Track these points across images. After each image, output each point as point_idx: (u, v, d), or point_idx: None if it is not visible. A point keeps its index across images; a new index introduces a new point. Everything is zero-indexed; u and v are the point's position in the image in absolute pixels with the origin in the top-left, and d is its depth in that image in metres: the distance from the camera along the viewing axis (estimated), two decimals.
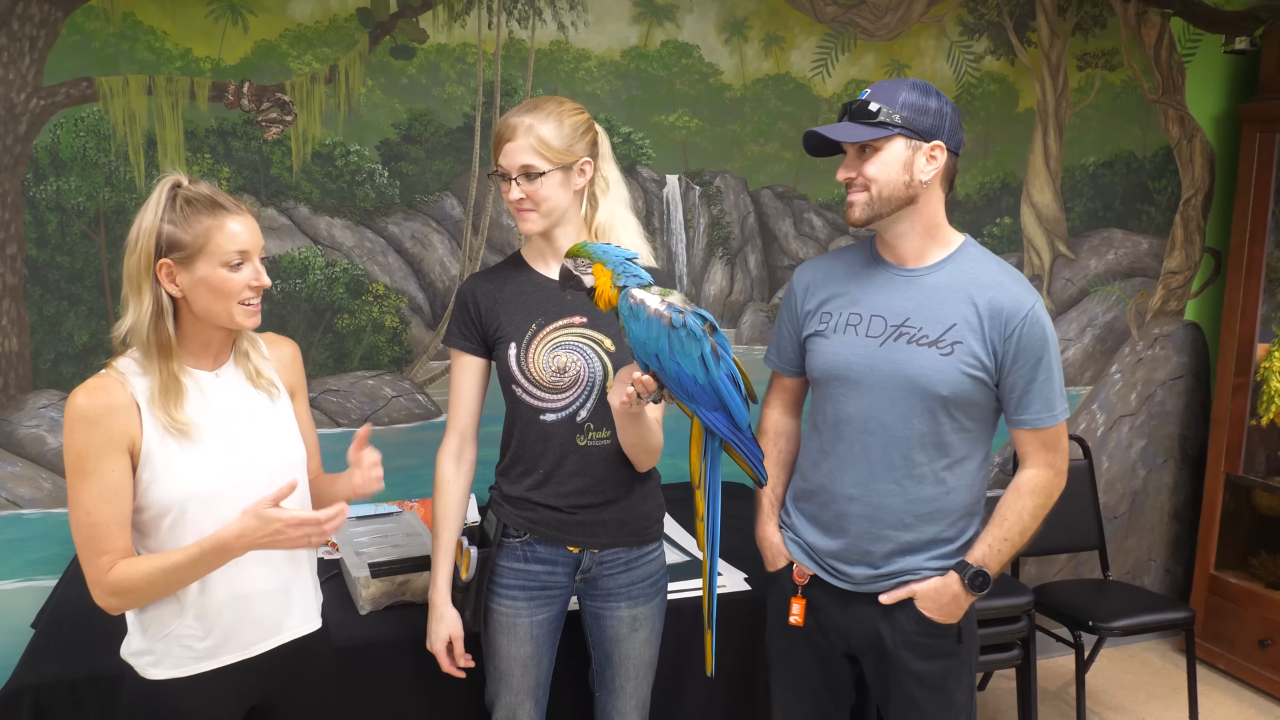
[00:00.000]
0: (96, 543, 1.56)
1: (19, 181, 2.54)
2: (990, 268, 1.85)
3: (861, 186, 1.80)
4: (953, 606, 1.86)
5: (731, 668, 2.31)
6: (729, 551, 2.51)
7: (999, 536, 1.86)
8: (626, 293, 1.63)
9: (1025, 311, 1.78)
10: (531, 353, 1.88)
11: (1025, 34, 3.36)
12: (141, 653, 1.66)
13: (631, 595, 1.99)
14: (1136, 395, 3.75)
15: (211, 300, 1.59)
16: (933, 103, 1.78)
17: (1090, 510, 3.38)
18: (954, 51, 3.30)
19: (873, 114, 1.76)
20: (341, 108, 2.76)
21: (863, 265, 1.93)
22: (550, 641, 2.00)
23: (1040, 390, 1.81)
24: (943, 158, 1.79)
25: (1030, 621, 2.94)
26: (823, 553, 1.93)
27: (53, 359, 2.62)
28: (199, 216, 1.57)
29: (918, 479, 1.84)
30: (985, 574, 1.85)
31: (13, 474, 2.61)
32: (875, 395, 1.84)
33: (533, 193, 1.83)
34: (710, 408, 1.65)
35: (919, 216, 1.83)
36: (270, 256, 2.75)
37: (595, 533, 1.93)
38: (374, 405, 2.91)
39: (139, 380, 1.60)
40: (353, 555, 2.32)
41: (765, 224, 3.25)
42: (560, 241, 1.90)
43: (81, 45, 2.53)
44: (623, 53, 2.99)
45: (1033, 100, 3.42)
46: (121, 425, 1.56)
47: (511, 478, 1.96)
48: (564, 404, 1.89)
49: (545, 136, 1.81)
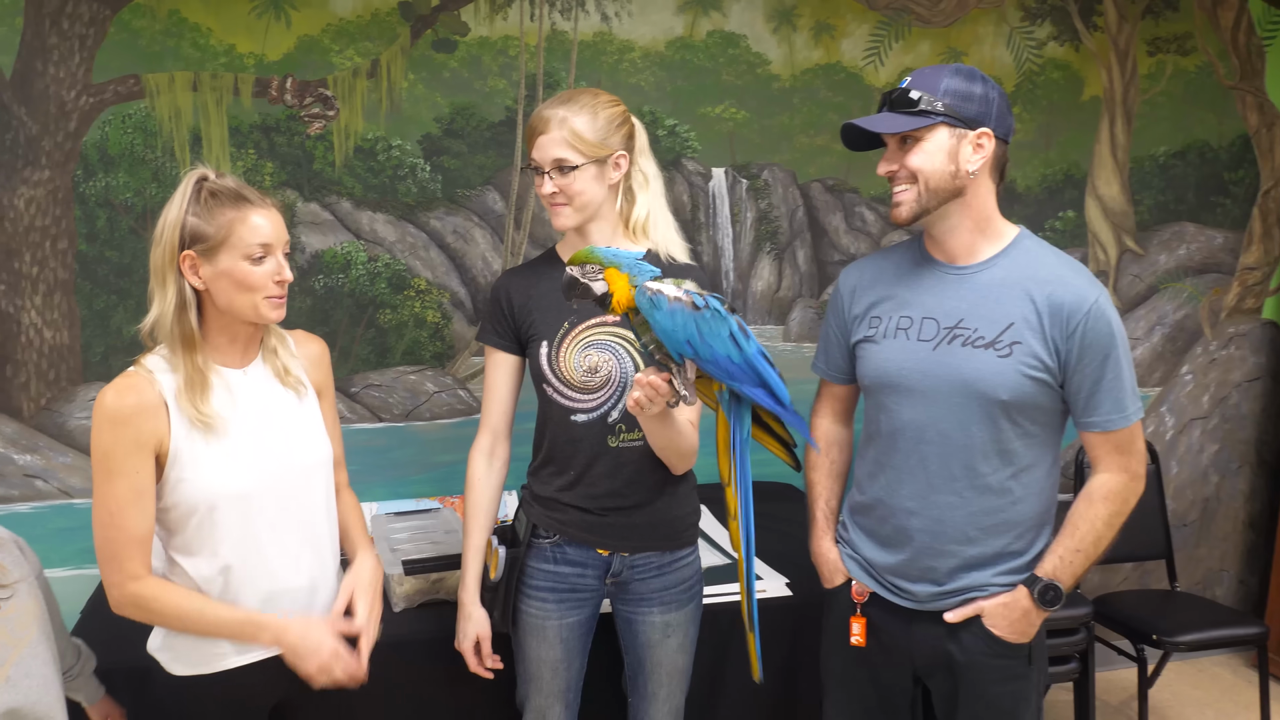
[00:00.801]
0: (118, 546, 1.57)
1: (69, 178, 2.58)
2: (1048, 260, 1.74)
3: (906, 179, 1.71)
4: (1023, 624, 1.76)
5: (771, 677, 2.25)
6: (773, 555, 2.46)
7: (1071, 547, 1.75)
8: (642, 286, 1.58)
9: (1088, 306, 1.67)
10: (563, 352, 1.84)
11: (1091, 18, 3.22)
12: (166, 649, 1.67)
13: (664, 601, 1.93)
14: (1209, 397, 3.57)
15: (235, 293, 1.59)
16: (977, 88, 1.68)
17: (1157, 517, 3.24)
18: (1014, 38, 3.17)
19: (913, 102, 1.67)
20: (383, 102, 2.75)
21: (911, 265, 1.83)
22: (581, 645, 1.96)
23: (1109, 389, 1.69)
24: (990, 146, 1.69)
25: (1089, 633, 2.83)
26: (882, 569, 1.85)
27: (102, 352, 2.66)
28: (222, 209, 1.57)
29: (981, 489, 1.74)
30: (1057, 588, 1.74)
31: (64, 464, 2.66)
32: (931, 402, 1.75)
33: (566, 186, 1.79)
34: (751, 384, 1.60)
35: (968, 210, 1.73)
36: (313, 252, 2.76)
37: (626, 536, 1.89)
38: (415, 400, 2.90)
39: (166, 377, 1.60)
40: (388, 551, 2.31)
41: (815, 218, 3.16)
42: (594, 237, 1.86)
43: (129, 43, 2.56)
44: (667, 43, 2.93)
45: (1099, 88, 3.27)
46: (150, 426, 1.56)
47: (542, 478, 1.92)
48: (595, 404, 1.85)
49: (579, 129, 1.77)
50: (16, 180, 2.54)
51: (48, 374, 2.62)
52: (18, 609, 1.58)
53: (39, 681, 1.57)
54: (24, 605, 1.60)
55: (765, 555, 2.47)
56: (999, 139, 1.71)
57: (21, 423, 2.63)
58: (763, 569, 2.40)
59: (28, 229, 2.56)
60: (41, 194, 2.56)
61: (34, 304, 2.59)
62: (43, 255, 2.58)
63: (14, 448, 2.62)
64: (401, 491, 2.86)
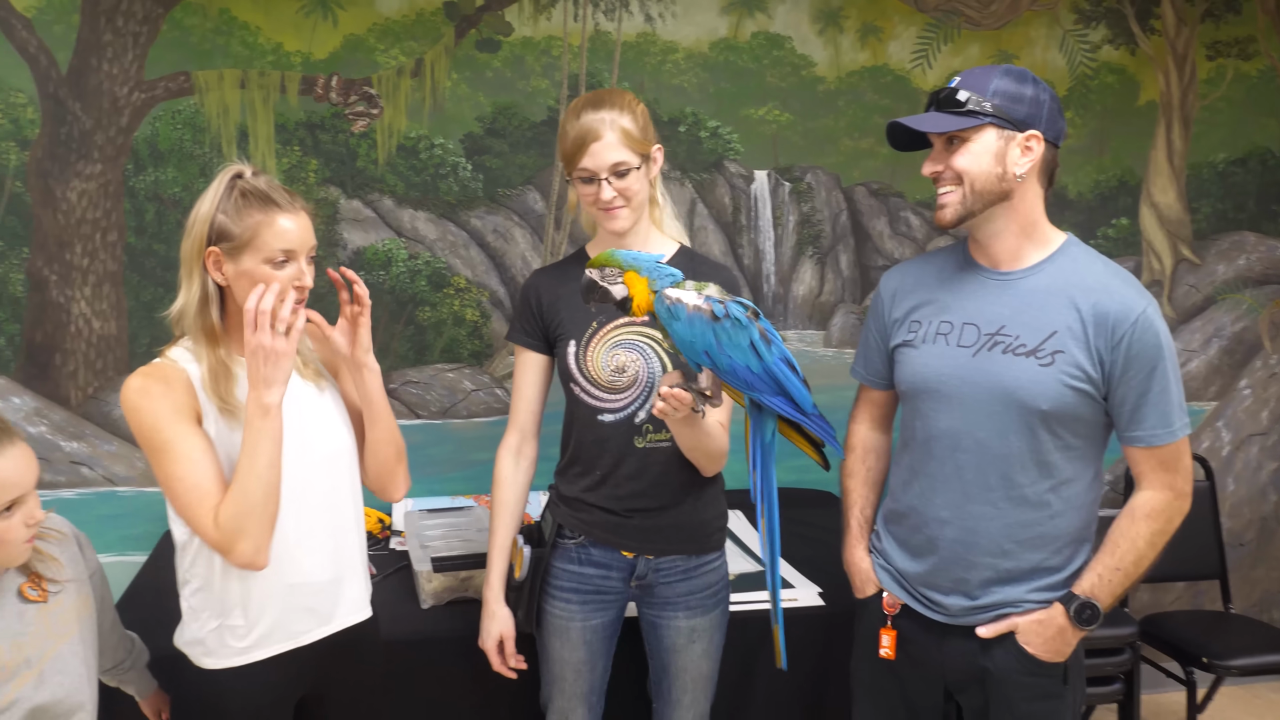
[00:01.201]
0: (201, 500, 1.53)
1: (120, 172, 2.63)
2: (1095, 269, 1.68)
3: (951, 181, 1.67)
4: (1058, 642, 1.71)
5: (801, 687, 2.22)
6: (805, 562, 2.42)
7: (1110, 565, 1.69)
8: (661, 294, 1.55)
9: (1135, 316, 1.61)
10: (590, 351, 1.83)
11: (1148, 21, 3.14)
12: (194, 643, 1.68)
13: (689, 605, 1.91)
14: (1269, 413, 3.45)
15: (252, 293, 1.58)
16: (1028, 89, 1.64)
17: (1211, 536, 3.13)
18: (1068, 41, 3.10)
19: (961, 103, 1.64)
20: (426, 101, 2.77)
21: (954, 269, 1.79)
22: (605, 647, 1.95)
23: (1156, 403, 1.64)
24: (1040, 149, 1.64)
25: (1135, 654, 2.74)
26: (914, 579, 1.81)
27: (148, 343, 2.71)
28: (251, 210, 1.57)
29: (1017, 501, 1.69)
30: (1094, 606, 1.68)
31: (109, 452, 2.72)
32: (968, 410, 1.70)
33: (625, 189, 1.77)
34: (771, 393, 1.57)
35: (1014, 214, 1.68)
36: (354, 248, 2.79)
37: (651, 538, 1.87)
38: (453, 398, 2.91)
39: (191, 366, 1.61)
40: (419, 548, 2.32)
41: (858, 222, 3.12)
42: (631, 238, 1.85)
43: (180, 40, 2.61)
44: (711, 44, 2.91)
45: (1155, 92, 3.18)
46: (183, 398, 1.57)
47: (569, 477, 1.91)
48: (622, 404, 1.84)
49: (629, 129, 1.75)
50: (70, 173, 2.60)
51: (95, 363, 2.68)
52: (64, 605, 1.60)
53: (72, 679, 1.58)
54: (71, 602, 1.61)
55: (799, 563, 2.44)
56: (1049, 142, 1.66)
57: (69, 411, 2.69)
58: (795, 577, 2.37)
59: (79, 221, 2.62)
60: (93, 187, 2.62)
61: (84, 295, 2.65)
62: (93, 247, 2.64)
63: (61, 435, 2.68)
64: (437, 489, 2.88)
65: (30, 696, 1.52)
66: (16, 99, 2.56)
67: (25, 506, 1.48)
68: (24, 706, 1.51)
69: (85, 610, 1.64)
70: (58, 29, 2.55)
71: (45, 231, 2.61)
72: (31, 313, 2.64)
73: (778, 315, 3.11)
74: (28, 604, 1.55)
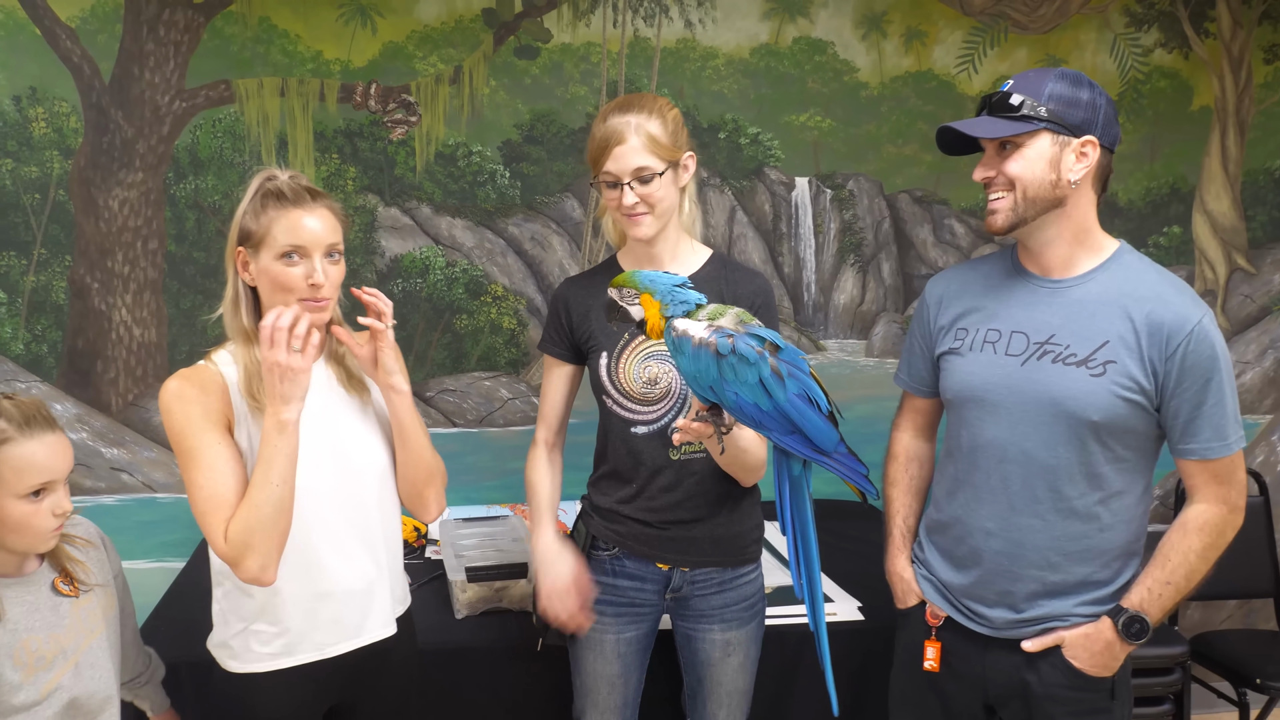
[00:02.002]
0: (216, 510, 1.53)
1: (161, 180, 2.65)
2: (1149, 277, 1.64)
3: (1003, 187, 1.63)
4: (1105, 656, 1.67)
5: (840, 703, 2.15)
6: (846, 576, 2.38)
7: (1160, 579, 1.65)
8: (670, 324, 1.50)
9: (1190, 327, 1.56)
10: (623, 363, 1.81)
11: (1202, 24, 3.06)
12: (222, 645, 1.68)
13: (724, 619, 1.88)
14: None
15: (272, 292, 1.59)
16: (1084, 94, 1.60)
17: (1265, 553, 3.05)
18: (1118, 45, 3.03)
19: (1014, 107, 1.59)
20: (465, 108, 2.76)
21: (1003, 276, 1.75)
22: (639, 660, 1.92)
23: (1210, 416, 1.59)
24: (1095, 155, 1.60)
25: (1185, 674, 2.66)
26: (957, 591, 1.77)
27: (187, 350, 2.72)
28: (267, 208, 1.57)
29: (1065, 513, 1.65)
30: (1143, 620, 1.64)
31: (148, 459, 2.74)
32: (1015, 420, 1.66)
33: (648, 195, 1.74)
34: (782, 432, 1.48)
35: (1067, 221, 1.64)
36: (392, 256, 2.78)
37: (686, 550, 1.84)
38: (490, 406, 2.90)
39: (230, 369, 1.62)
40: (453, 558, 2.30)
41: (901, 230, 3.07)
42: (659, 245, 1.82)
43: (221, 49, 2.63)
44: (752, 50, 2.88)
45: (1209, 97, 3.10)
46: (216, 404, 1.58)
47: (602, 489, 1.89)
48: (655, 416, 1.81)
49: (655, 134, 1.72)
50: (112, 182, 2.62)
51: (135, 370, 2.70)
52: (92, 603, 1.64)
53: (102, 674, 1.62)
54: (98, 603, 1.65)
55: (838, 576, 2.40)
56: (1104, 148, 1.61)
57: (110, 417, 2.71)
58: (834, 591, 2.33)
59: (121, 229, 2.64)
60: (135, 195, 2.64)
61: (124, 302, 2.67)
62: (134, 255, 2.66)
63: (102, 441, 2.70)
64: (473, 497, 2.86)
65: (69, 686, 1.56)
66: (60, 108, 2.58)
67: (54, 495, 1.50)
68: (64, 696, 1.55)
69: (110, 610, 1.67)
70: (101, 39, 2.58)
71: (87, 239, 2.64)
72: (74, 320, 2.66)
73: (818, 324, 3.07)
74: (62, 598, 1.59)
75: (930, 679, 1.81)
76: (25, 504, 1.47)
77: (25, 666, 1.50)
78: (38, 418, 1.50)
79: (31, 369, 2.66)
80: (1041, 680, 1.70)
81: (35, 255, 2.63)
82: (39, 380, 2.66)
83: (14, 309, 2.64)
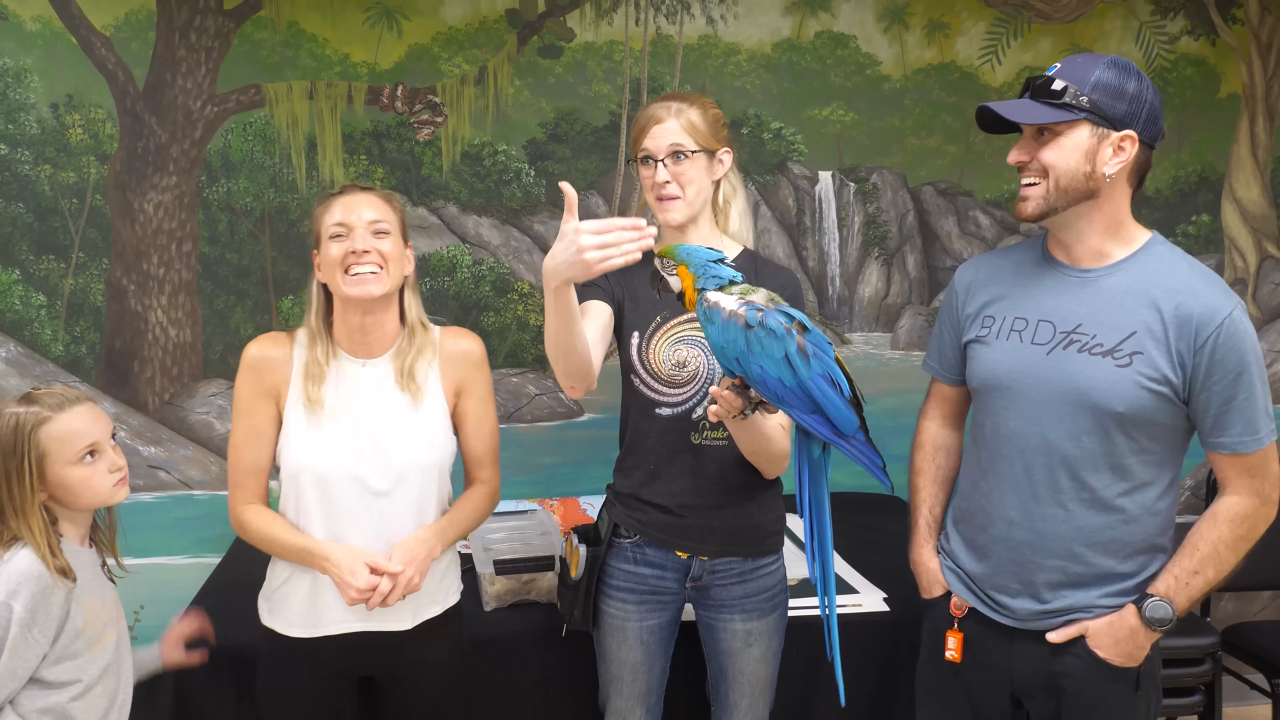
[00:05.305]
0: (236, 475, 1.79)
1: (194, 183, 2.71)
2: (1180, 268, 1.62)
3: (1037, 173, 1.61)
4: (1130, 645, 1.66)
5: (866, 694, 2.18)
6: (872, 568, 2.39)
7: (1188, 569, 1.64)
8: (702, 295, 1.53)
9: (1221, 319, 1.55)
10: (653, 344, 1.84)
11: (1230, 10, 3.02)
12: (264, 598, 1.84)
13: (746, 609, 1.90)
14: None
15: (329, 276, 1.73)
16: (1131, 85, 1.56)
17: None
18: (1144, 33, 3.01)
19: (1057, 94, 1.57)
20: (490, 108, 2.79)
21: (1032, 265, 1.74)
22: (662, 648, 1.94)
23: (1242, 409, 1.58)
24: (1133, 150, 1.57)
25: (1216, 664, 2.64)
26: (980, 581, 1.77)
27: (221, 350, 2.78)
28: (319, 206, 1.77)
29: (1089, 504, 1.65)
30: (1168, 608, 1.63)
31: (184, 456, 2.79)
32: (1040, 409, 1.66)
33: (679, 174, 1.80)
34: (804, 410, 1.52)
35: (1099, 214, 1.62)
36: (419, 255, 2.82)
37: (705, 539, 1.86)
38: (517, 403, 2.93)
39: (301, 350, 1.77)
40: (481, 551, 2.34)
41: (926, 222, 3.06)
42: (690, 235, 1.84)
43: (251, 54, 2.68)
44: (774, 45, 2.89)
45: (1238, 85, 3.07)
46: (272, 379, 1.75)
47: (624, 471, 1.91)
48: (681, 399, 1.83)
49: (694, 120, 1.81)
50: (147, 186, 2.68)
51: (171, 370, 2.76)
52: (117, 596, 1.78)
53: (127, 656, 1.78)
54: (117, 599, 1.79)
55: (864, 568, 2.40)
56: (1144, 143, 1.59)
57: (147, 416, 2.77)
58: (860, 582, 2.33)
59: (155, 232, 2.70)
60: (169, 199, 2.69)
61: (160, 304, 2.73)
62: (169, 257, 2.72)
63: (139, 440, 2.76)
64: (501, 492, 2.88)
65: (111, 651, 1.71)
66: (96, 115, 2.64)
67: (105, 455, 1.66)
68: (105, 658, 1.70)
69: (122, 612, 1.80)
70: (134, 46, 2.63)
71: (124, 243, 2.70)
72: (111, 321, 2.73)
73: (843, 318, 3.07)
74: (106, 580, 1.74)
75: (956, 670, 1.81)
76: (81, 468, 1.63)
77: (87, 619, 1.66)
78: (68, 397, 1.66)
79: (71, 370, 2.73)
80: (1066, 671, 1.69)
81: (74, 259, 2.69)
82: (78, 380, 2.72)
83: (54, 311, 2.70)
